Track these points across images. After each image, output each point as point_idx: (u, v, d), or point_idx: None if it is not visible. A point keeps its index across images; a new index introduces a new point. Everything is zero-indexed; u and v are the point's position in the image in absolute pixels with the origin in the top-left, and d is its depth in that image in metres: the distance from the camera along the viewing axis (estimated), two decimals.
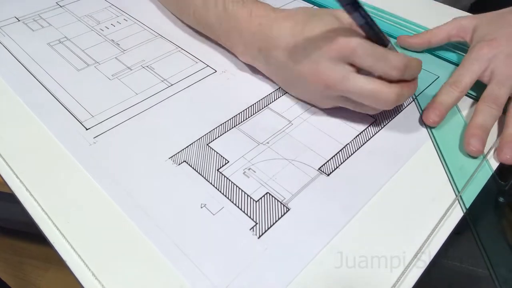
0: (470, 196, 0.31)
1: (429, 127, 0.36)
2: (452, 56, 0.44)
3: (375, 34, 0.31)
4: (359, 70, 0.32)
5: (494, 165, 0.34)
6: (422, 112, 0.37)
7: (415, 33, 0.45)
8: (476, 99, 0.39)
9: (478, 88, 0.37)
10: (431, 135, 0.36)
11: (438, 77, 0.42)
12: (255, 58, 0.39)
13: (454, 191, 0.31)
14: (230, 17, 0.38)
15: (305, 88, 0.36)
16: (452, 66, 0.43)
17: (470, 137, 0.34)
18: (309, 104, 0.38)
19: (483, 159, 0.34)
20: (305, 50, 0.33)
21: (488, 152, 0.34)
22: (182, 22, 0.48)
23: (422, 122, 0.37)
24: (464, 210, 0.30)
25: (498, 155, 0.34)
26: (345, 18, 0.33)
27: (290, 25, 0.34)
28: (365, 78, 0.32)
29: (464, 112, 0.38)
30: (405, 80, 0.32)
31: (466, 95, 0.38)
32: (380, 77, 0.32)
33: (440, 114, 0.36)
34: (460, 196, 0.31)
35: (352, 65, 0.32)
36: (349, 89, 0.32)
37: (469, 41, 0.41)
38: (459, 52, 0.44)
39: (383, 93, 0.31)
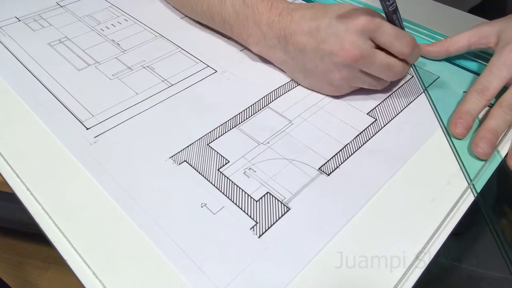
0: (480, 183, 0.32)
1: (439, 116, 0.37)
2: (472, 65, 0.43)
3: (397, 20, 0.36)
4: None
5: (504, 153, 0.34)
6: (438, 114, 0.37)
7: (425, 37, 0.45)
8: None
9: None
10: (442, 125, 0.36)
11: (438, 77, 0.42)
12: (272, 47, 0.39)
13: (466, 179, 0.32)
14: (248, 9, 0.39)
15: (324, 69, 0.36)
16: (470, 75, 0.42)
17: (479, 140, 0.33)
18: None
19: (495, 148, 0.34)
20: (329, 28, 0.35)
21: (499, 142, 0.34)
22: (185, 15, 0.49)
23: (421, 123, 0.37)
24: (475, 195, 0.31)
25: (508, 160, 0.33)
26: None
27: (311, 12, 0.37)
28: (382, 52, 0.35)
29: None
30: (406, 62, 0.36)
31: None
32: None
33: (468, 126, 0.35)
34: (473, 184, 0.31)
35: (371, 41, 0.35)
36: (373, 61, 0.35)
37: (493, 47, 0.39)
38: (478, 60, 0.43)
39: (397, 66, 0.36)
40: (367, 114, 0.37)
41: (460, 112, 0.36)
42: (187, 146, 0.34)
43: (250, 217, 0.29)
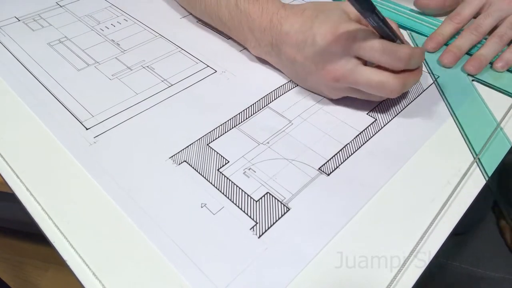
0: (490, 165, 0.33)
1: (449, 104, 0.38)
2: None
3: (386, 33, 0.33)
4: (366, 62, 0.34)
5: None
6: (448, 103, 0.39)
7: (429, 25, 0.47)
8: (494, 88, 0.40)
9: (495, 77, 0.41)
10: (452, 113, 0.37)
11: (439, 76, 0.42)
12: (267, 53, 0.40)
13: (473, 155, 0.33)
14: (241, 13, 0.39)
15: (315, 81, 0.37)
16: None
17: (445, 53, 0.41)
18: (318, 95, 0.39)
19: (498, 126, 0.35)
20: (313, 46, 0.34)
21: (502, 119, 0.36)
22: (192, 15, 0.49)
23: (422, 123, 0.37)
24: (487, 179, 0.31)
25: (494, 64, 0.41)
26: (353, 10, 0.34)
27: (299, 22, 0.35)
28: (372, 70, 0.33)
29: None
30: (410, 69, 0.34)
31: (489, 86, 0.40)
32: (386, 68, 0.33)
33: (439, 43, 0.42)
34: (479, 159, 0.32)
35: (358, 58, 0.33)
36: (357, 81, 0.34)
37: None
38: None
39: (390, 84, 0.33)
40: (367, 114, 0.37)
41: (434, 33, 0.43)
42: (187, 146, 0.34)
43: (250, 217, 0.29)
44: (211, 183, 0.31)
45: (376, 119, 0.37)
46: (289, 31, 0.36)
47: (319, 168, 0.33)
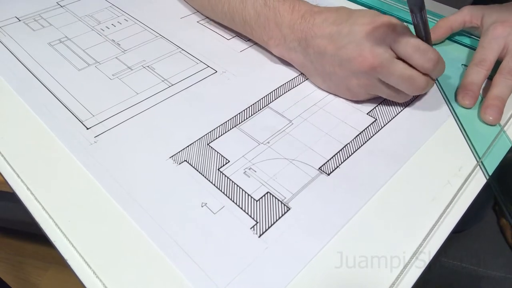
0: (491, 164, 0.33)
1: (450, 104, 0.38)
2: (466, 39, 0.47)
3: (422, 34, 0.34)
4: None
5: None
6: (455, 95, 0.40)
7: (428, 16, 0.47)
8: None
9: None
10: (452, 111, 0.38)
11: None
12: (292, 50, 0.39)
13: (476, 158, 0.33)
14: (270, 11, 0.39)
15: (343, 75, 0.36)
16: (466, 49, 0.46)
17: (486, 108, 0.37)
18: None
19: (501, 130, 0.35)
20: (350, 34, 0.34)
21: (507, 122, 0.36)
22: (205, 16, 0.49)
23: (424, 120, 0.37)
24: (487, 177, 0.32)
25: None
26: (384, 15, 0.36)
27: (334, 16, 0.36)
28: (404, 64, 0.34)
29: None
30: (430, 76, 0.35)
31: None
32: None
33: (474, 95, 0.38)
34: (481, 162, 0.32)
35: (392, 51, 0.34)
36: (392, 72, 0.34)
37: (479, 27, 0.43)
38: (471, 36, 0.47)
39: (418, 80, 0.34)
40: (367, 114, 0.38)
41: (465, 84, 0.39)
42: (187, 146, 0.34)
43: (251, 216, 0.29)
44: (212, 183, 0.31)
45: (376, 119, 0.37)
46: (322, 24, 0.36)
47: (319, 168, 0.33)
